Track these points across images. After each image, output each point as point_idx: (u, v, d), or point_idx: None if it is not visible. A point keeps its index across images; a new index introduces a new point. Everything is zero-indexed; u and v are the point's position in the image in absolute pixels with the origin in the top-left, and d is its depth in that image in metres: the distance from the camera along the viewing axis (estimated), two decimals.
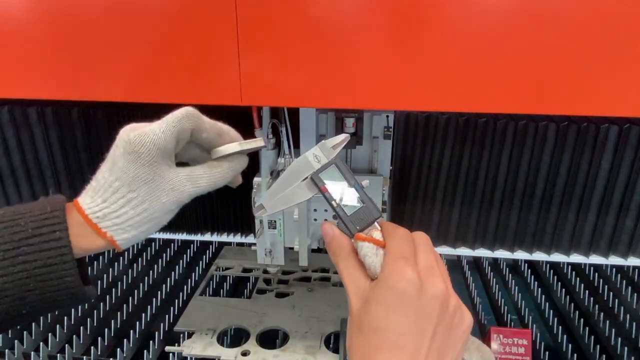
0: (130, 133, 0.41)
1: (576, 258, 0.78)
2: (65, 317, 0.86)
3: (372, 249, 0.39)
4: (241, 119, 0.70)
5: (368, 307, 0.37)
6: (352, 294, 0.39)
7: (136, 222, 0.42)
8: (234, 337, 0.85)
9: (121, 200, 0.41)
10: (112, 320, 0.86)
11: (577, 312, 0.90)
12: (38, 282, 0.39)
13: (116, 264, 1.05)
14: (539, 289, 1.00)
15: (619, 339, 0.81)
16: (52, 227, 0.39)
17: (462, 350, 0.39)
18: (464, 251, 0.81)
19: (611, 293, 0.96)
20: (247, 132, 0.51)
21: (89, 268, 1.02)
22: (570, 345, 0.82)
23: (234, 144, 0.45)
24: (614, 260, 0.78)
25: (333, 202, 0.41)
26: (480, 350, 0.41)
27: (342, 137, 0.44)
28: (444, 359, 0.38)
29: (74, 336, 0.80)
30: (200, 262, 1.08)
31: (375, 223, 0.42)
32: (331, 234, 0.42)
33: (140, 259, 1.08)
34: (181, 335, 0.83)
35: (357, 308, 0.38)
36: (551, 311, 0.92)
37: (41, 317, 0.84)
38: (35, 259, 0.39)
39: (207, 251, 1.13)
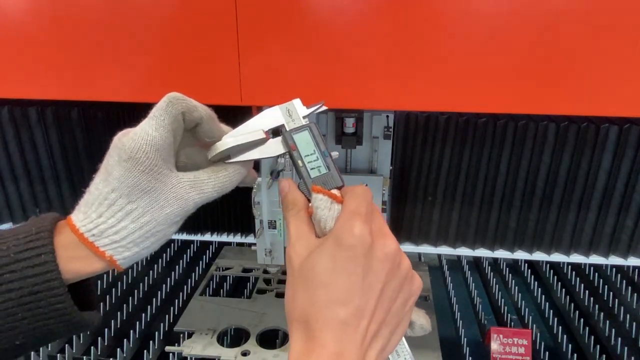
0: (123, 138, 0.37)
1: (576, 258, 0.78)
2: None
3: (326, 202, 0.39)
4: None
5: (313, 261, 0.36)
6: (297, 246, 0.38)
7: (138, 238, 0.37)
8: (234, 337, 0.85)
9: (119, 214, 0.37)
10: (112, 320, 0.86)
11: (577, 312, 0.91)
12: (26, 311, 0.35)
13: None
14: (539, 289, 1.00)
15: (619, 339, 0.81)
16: (37, 250, 0.35)
17: (409, 313, 0.39)
18: (464, 251, 0.81)
19: (611, 293, 0.96)
20: None
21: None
22: (570, 345, 0.82)
23: (229, 139, 0.41)
24: (614, 260, 0.78)
25: (299, 162, 0.41)
26: (424, 315, 0.41)
27: (319, 104, 0.43)
28: (392, 319, 0.37)
29: (74, 336, 0.80)
30: (200, 262, 1.08)
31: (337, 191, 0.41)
32: (287, 190, 0.41)
33: None
34: (181, 335, 0.83)
35: (299, 262, 0.37)
36: (551, 311, 0.92)
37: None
38: (20, 286, 0.35)
39: (207, 251, 1.13)
